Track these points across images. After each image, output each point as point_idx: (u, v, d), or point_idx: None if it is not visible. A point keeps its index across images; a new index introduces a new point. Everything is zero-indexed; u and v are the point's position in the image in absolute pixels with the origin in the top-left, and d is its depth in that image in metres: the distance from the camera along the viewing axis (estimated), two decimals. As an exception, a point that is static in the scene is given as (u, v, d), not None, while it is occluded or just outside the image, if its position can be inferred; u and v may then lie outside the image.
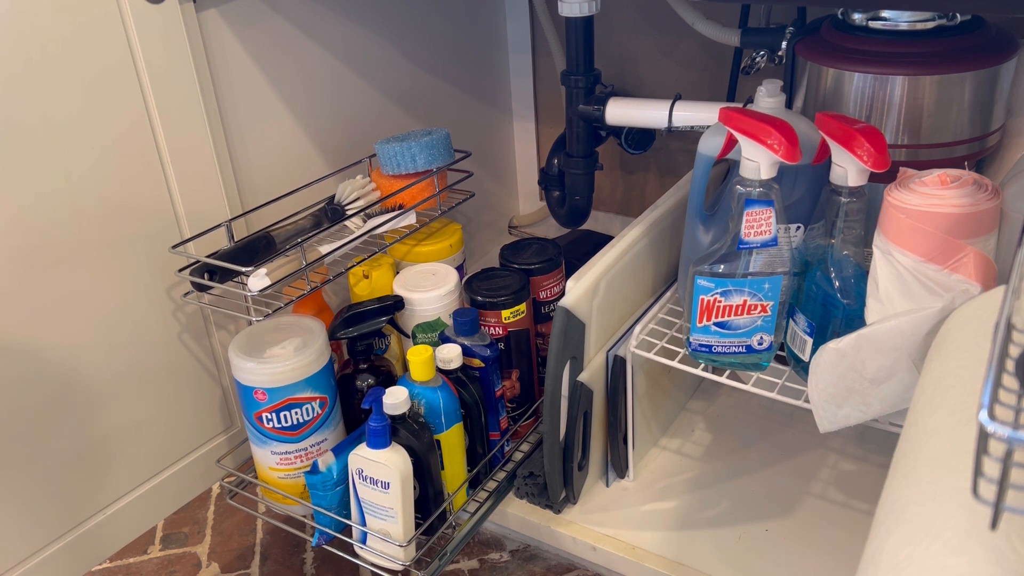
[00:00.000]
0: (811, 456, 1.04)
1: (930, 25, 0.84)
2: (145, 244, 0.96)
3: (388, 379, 1.00)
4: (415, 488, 0.88)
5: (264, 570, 0.98)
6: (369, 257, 1.05)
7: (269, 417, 0.91)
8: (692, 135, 1.32)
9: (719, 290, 0.80)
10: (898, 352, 0.69)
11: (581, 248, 1.29)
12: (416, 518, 0.89)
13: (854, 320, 0.76)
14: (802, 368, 0.82)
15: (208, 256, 0.93)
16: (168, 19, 0.92)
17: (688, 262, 0.84)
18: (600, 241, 1.21)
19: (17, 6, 0.81)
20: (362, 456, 0.85)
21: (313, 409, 0.93)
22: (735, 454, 1.05)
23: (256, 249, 0.96)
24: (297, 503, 0.95)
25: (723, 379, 0.85)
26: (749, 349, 0.82)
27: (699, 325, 0.82)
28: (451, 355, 0.93)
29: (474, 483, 0.99)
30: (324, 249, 0.99)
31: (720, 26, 1.10)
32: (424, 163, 1.09)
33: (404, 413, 0.87)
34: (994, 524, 0.36)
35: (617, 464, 1.00)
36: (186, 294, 0.96)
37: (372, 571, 0.91)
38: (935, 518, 0.43)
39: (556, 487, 0.95)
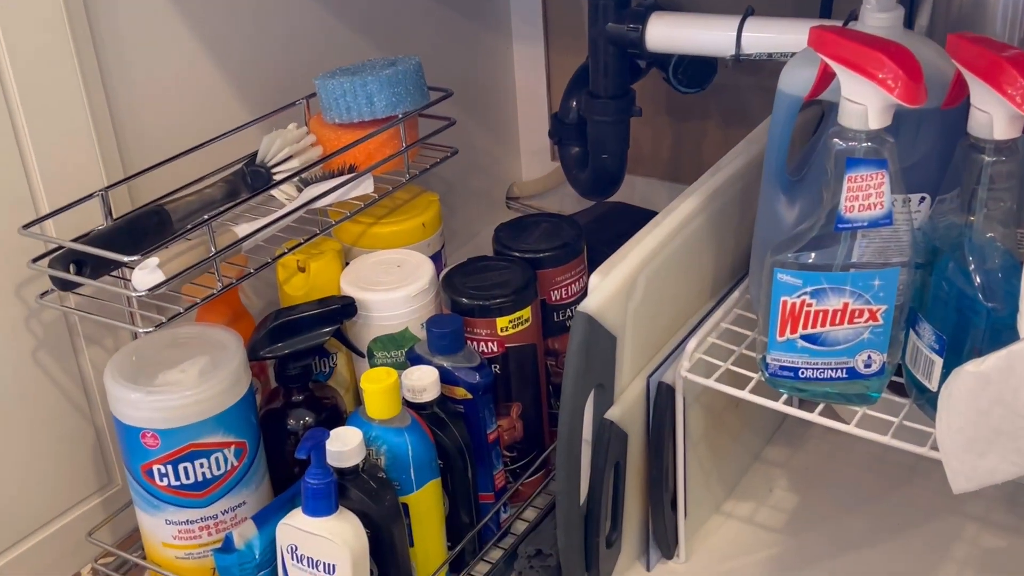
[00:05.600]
0: (941, 526, 1.04)
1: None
2: (-15, 223, 0.96)
3: (334, 416, 1.00)
4: (373, 572, 0.88)
5: None
6: (306, 241, 1.05)
7: (163, 471, 0.91)
8: (770, 67, 1.32)
9: (809, 289, 0.79)
10: (1065, 377, 0.69)
11: (610, 229, 1.28)
12: (374, 616, 0.89)
13: (1002, 331, 0.75)
14: (928, 401, 0.81)
15: (75, 240, 0.93)
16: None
17: (765, 249, 0.84)
18: (637, 219, 1.20)
19: None
20: (296, 527, 0.85)
21: (226, 459, 0.92)
22: (832, 523, 1.05)
23: (144, 230, 0.96)
24: (203, 594, 0.95)
25: (815, 416, 0.85)
26: (852, 373, 0.82)
27: (780, 339, 0.82)
28: (424, 382, 0.93)
29: (458, 566, 0.99)
30: (242, 230, 0.99)
31: (810, -90, 1.10)
32: (385, 107, 1.08)
33: (357, 465, 0.87)
34: None
35: (662, 538, 1.00)
36: (43, 294, 0.96)
37: None
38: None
39: (575, 570, 0.95)
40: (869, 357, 0.81)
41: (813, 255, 0.79)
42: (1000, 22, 0.85)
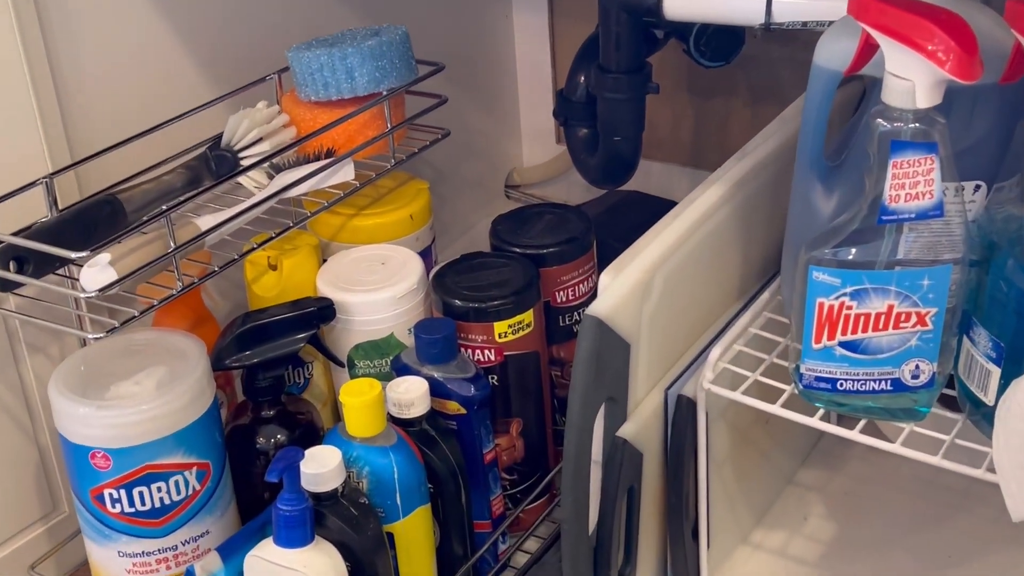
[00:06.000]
0: (1000, 560, 1.04)
1: None
2: (-87, 214, 0.96)
3: (309, 434, 1.00)
4: (353, 612, 0.88)
5: None
6: (278, 235, 1.05)
7: (115, 496, 0.91)
8: (805, 37, 1.32)
9: (849, 289, 0.79)
10: None
11: (624, 221, 1.28)
12: (355, 661, 0.89)
13: (1069, 338, 0.75)
14: (984, 416, 0.81)
15: (15, 234, 0.93)
16: None
17: (799, 244, 0.84)
18: (654, 210, 1.21)
19: None
20: (267, 559, 0.85)
21: (187, 483, 0.92)
22: (875, 556, 1.05)
23: (94, 222, 0.96)
24: (161, 636, 0.95)
25: (855, 434, 0.85)
26: (898, 385, 0.82)
27: (816, 346, 0.82)
28: (412, 396, 0.93)
29: (449, 604, 0.99)
30: (205, 223, 0.99)
31: None
32: (367, 82, 1.08)
33: (336, 489, 0.87)
34: None
35: (682, 572, 1.00)
36: (-20, 296, 0.96)
37: None
38: None
39: (583, 610, 0.95)
40: (917, 367, 0.81)
41: (853, 251, 0.79)
42: (1066, -14, 0.85)
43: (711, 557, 1.00)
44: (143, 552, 0.93)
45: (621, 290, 0.87)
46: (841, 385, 0.83)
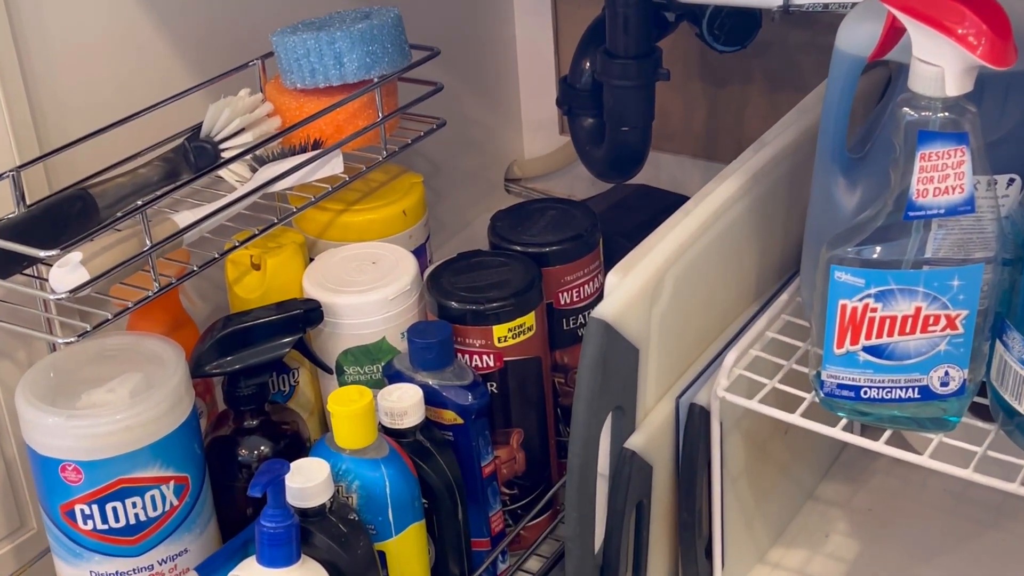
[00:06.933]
0: (1033, 580, 1.04)
1: None
2: None
3: (295, 445, 1.00)
4: (342, 636, 0.88)
5: None
6: (262, 233, 1.05)
7: (87, 512, 0.91)
8: (826, 19, 1.32)
9: (873, 290, 0.79)
10: None
11: (632, 217, 1.28)
12: None
13: (1109, 343, 0.75)
14: (1018, 426, 0.81)
15: (-20, 231, 0.92)
16: None
17: (819, 242, 0.84)
18: (664, 205, 1.21)
19: None
20: (250, 580, 0.85)
21: (164, 498, 0.92)
22: (902, 575, 1.05)
23: (65, 218, 0.96)
24: (136, 662, 0.95)
25: (880, 445, 0.85)
26: (926, 393, 0.82)
27: (839, 352, 0.82)
28: (405, 404, 0.93)
29: (445, 627, 0.99)
30: (183, 219, 0.99)
31: None
32: (357, 68, 1.08)
33: (323, 505, 0.87)
34: None
35: (695, 594, 1.00)
36: (-58, 297, 0.96)
37: None
38: None
39: (588, 634, 0.95)
40: (946, 373, 0.81)
41: (878, 249, 0.79)
42: (1106, -35, 0.85)
43: (726, 577, 1.01)
44: (117, 572, 0.93)
45: (629, 291, 0.87)
46: (865, 393, 0.83)
